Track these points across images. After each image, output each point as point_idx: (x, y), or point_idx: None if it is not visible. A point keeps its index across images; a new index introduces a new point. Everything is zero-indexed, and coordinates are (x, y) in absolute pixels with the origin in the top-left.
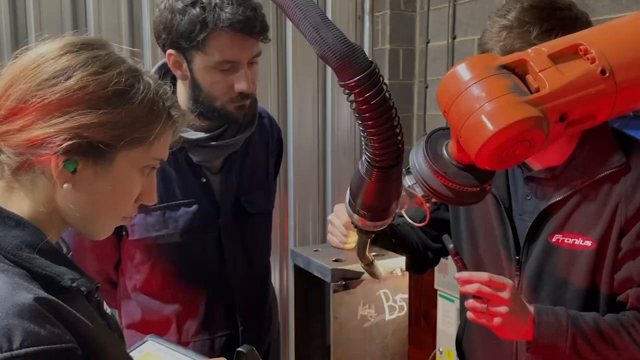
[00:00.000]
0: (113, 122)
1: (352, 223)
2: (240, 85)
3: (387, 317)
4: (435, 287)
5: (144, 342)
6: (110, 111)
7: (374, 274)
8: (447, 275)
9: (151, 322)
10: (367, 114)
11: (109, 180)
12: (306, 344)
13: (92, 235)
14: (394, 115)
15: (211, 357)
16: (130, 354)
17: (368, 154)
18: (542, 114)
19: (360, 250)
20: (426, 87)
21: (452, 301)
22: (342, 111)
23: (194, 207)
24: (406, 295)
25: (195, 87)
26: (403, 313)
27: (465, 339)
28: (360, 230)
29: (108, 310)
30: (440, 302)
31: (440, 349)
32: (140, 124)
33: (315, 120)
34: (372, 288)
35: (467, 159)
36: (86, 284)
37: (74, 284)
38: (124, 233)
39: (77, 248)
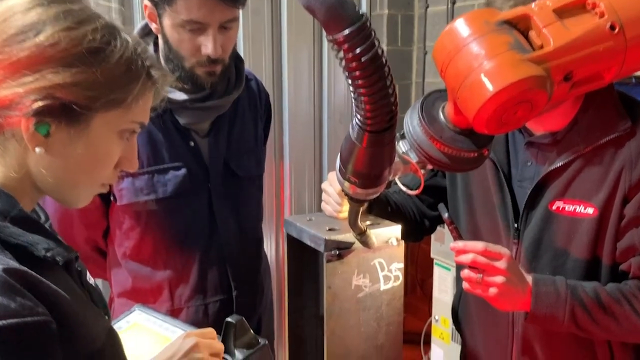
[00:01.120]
0: (87, 82)
1: (343, 191)
2: (207, 49)
3: (382, 287)
4: (432, 255)
5: (131, 312)
6: (84, 70)
7: (366, 244)
8: (443, 244)
9: (142, 290)
10: (357, 72)
11: (85, 145)
12: (299, 313)
13: (69, 203)
14: (386, 73)
15: (205, 323)
16: (118, 324)
17: (359, 116)
18: (545, 73)
19: (352, 219)
20: (425, 54)
21: (449, 270)
22: (339, 76)
23: (183, 170)
24: (402, 265)
25: (165, 44)
26: (398, 283)
27: (461, 309)
28: (351, 199)
29: (92, 281)
30: (437, 270)
31: (436, 317)
32: (117, 84)
33: (311, 87)
34: (367, 258)
35: (464, 122)
36: (62, 254)
37: (49, 254)
38: (112, 199)
39: (62, 216)
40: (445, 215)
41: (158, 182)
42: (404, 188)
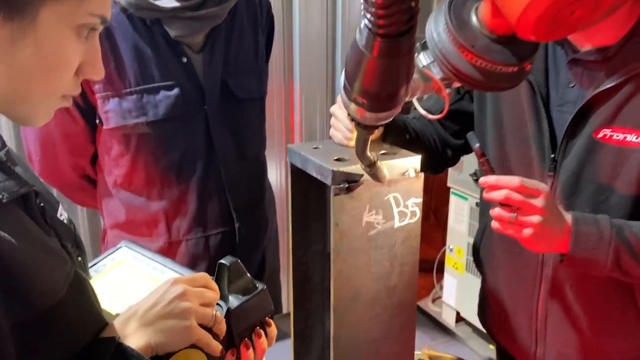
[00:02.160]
0: None
1: (349, 115)
2: None
3: (397, 224)
4: (448, 184)
5: (117, 249)
6: None
7: (376, 177)
8: (461, 173)
9: (136, 221)
10: None
11: (34, 44)
12: (304, 250)
13: (24, 120)
14: None
15: (206, 257)
16: (102, 262)
17: (369, 15)
18: None
19: (360, 148)
20: None
21: (465, 199)
22: None
23: (175, 90)
24: (420, 200)
25: None
26: (415, 219)
27: (484, 246)
28: (359, 125)
29: (64, 216)
30: (453, 199)
31: (451, 247)
32: None
33: (324, 1)
34: (380, 192)
35: (504, 26)
36: (8, 189)
37: None
38: (97, 121)
39: (44, 141)
40: (476, 145)
41: (148, 103)
42: (423, 112)
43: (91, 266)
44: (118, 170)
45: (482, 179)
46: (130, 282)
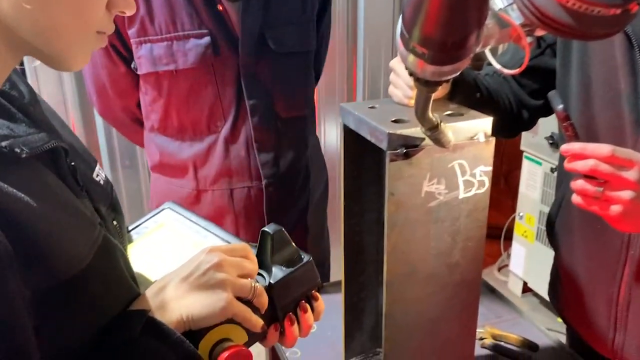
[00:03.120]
0: None
1: (406, 68)
2: None
3: (462, 194)
4: (522, 147)
5: (160, 211)
6: None
7: (439, 142)
8: (536, 136)
9: (169, 166)
10: None
11: None
12: (357, 219)
13: (62, 61)
14: None
15: (231, 211)
16: (145, 224)
17: None
18: None
19: (420, 109)
20: None
21: (539, 164)
22: None
23: (206, 39)
24: (489, 168)
25: None
26: (483, 190)
27: (560, 220)
28: (418, 80)
29: (100, 177)
30: (526, 164)
31: (521, 214)
32: None
33: None
34: (443, 158)
35: None
36: (31, 144)
37: (4, 144)
38: (133, 66)
39: (96, 82)
40: (560, 106)
41: (178, 52)
42: (498, 65)
43: (134, 228)
44: (154, 115)
45: (564, 146)
46: (172, 246)
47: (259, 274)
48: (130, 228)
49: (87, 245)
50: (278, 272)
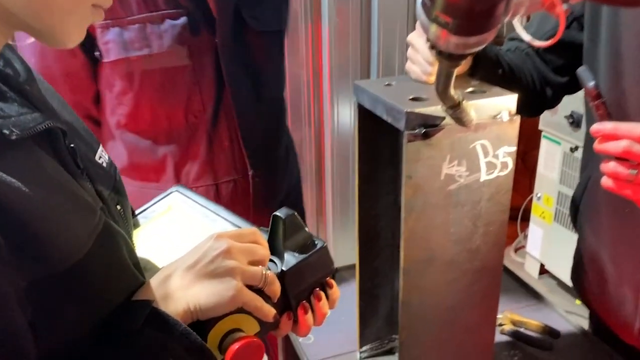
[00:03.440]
0: None
1: (428, 42)
2: None
3: (483, 177)
4: (540, 127)
5: (168, 194)
6: None
7: (461, 121)
8: (555, 115)
9: (142, 166)
10: None
11: None
12: (373, 201)
13: (54, 37)
14: None
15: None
16: (152, 208)
17: None
18: None
19: (441, 85)
20: None
21: (559, 143)
22: None
23: (183, 19)
24: (513, 149)
25: None
26: (506, 172)
27: (586, 203)
28: (441, 54)
29: (102, 159)
30: (544, 143)
31: (539, 195)
32: None
33: None
34: (465, 138)
35: None
36: (19, 126)
37: None
38: (96, 53)
39: (44, 77)
40: (591, 83)
41: (152, 34)
42: (527, 36)
43: (140, 212)
44: (121, 109)
45: (595, 126)
46: (180, 230)
47: (270, 260)
48: (137, 212)
49: (87, 232)
50: (291, 259)
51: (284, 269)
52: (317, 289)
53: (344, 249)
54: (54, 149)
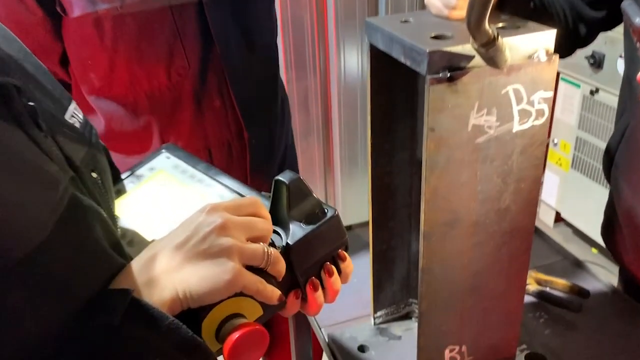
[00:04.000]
0: None
1: None
2: None
3: (516, 127)
4: (558, 68)
5: (156, 155)
6: None
7: (494, 61)
8: (574, 55)
9: (122, 135)
10: None
11: None
12: (388, 157)
13: None
14: None
15: None
16: (139, 171)
17: None
18: None
19: (476, 17)
20: None
21: (578, 86)
22: None
23: None
24: (550, 94)
25: None
26: (542, 121)
27: (622, 154)
28: None
29: (75, 118)
30: (562, 86)
31: (555, 140)
32: None
33: None
34: (496, 82)
35: None
36: None
37: None
38: (57, 9)
39: None
40: (637, 19)
41: None
42: None
43: (128, 176)
44: (94, 72)
45: None
46: (172, 197)
47: (274, 231)
48: (123, 176)
49: (47, 210)
50: (297, 230)
51: (289, 242)
52: (328, 262)
53: (354, 205)
54: (7, 109)
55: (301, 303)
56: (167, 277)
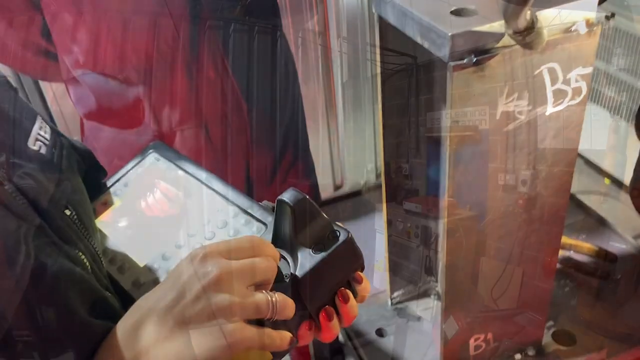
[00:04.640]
0: None
1: None
2: None
3: (550, 109)
4: None
5: (144, 157)
6: None
7: (530, 45)
8: None
9: (113, 110)
10: None
11: None
12: (400, 136)
13: None
14: None
15: (208, 150)
16: (126, 178)
17: None
18: None
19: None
20: None
21: None
22: None
23: None
24: (589, 70)
25: None
26: (578, 100)
27: None
28: None
29: (40, 142)
30: None
31: None
32: None
33: None
34: (529, 63)
35: None
36: None
37: None
38: None
39: None
40: None
41: None
42: None
43: (113, 184)
44: (77, 45)
45: None
46: (161, 209)
47: (280, 256)
48: (110, 183)
49: (7, 290)
50: (305, 258)
51: (297, 275)
52: (343, 287)
53: (360, 164)
54: None
55: (315, 331)
56: (157, 350)
